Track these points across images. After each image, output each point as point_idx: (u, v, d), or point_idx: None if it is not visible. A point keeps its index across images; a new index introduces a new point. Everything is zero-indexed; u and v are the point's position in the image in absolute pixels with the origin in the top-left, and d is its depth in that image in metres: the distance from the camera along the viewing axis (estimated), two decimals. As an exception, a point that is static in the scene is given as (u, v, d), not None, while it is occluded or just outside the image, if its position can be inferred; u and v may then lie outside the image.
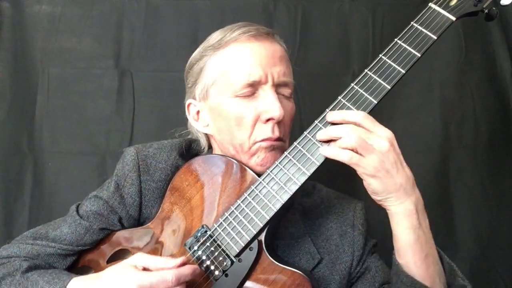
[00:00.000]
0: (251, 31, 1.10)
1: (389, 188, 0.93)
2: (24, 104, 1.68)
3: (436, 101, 1.73)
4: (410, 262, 0.96)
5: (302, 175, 0.98)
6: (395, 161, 0.93)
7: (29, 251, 1.09)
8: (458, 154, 1.72)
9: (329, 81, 1.71)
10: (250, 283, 1.00)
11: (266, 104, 1.07)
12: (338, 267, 1.14)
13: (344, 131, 0.93)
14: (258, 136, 1.08)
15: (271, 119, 1.07)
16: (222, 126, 1.11)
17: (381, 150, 0.92)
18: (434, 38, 0.99)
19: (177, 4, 1.73)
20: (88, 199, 1.16)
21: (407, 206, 0.95)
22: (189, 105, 1.20)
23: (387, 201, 0.95)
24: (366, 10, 1.74)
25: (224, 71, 1.10)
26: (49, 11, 1.69)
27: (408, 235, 0.95)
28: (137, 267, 0.94)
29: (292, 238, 1.14)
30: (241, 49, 1.10)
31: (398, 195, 0.94)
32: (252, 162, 1.09)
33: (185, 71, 1.21)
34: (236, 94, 1.08)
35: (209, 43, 1.15)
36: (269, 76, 1.08)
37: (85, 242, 1.11)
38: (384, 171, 0.92)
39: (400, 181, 0.94)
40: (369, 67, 0.99)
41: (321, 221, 1.18)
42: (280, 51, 1.14)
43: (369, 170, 0.92)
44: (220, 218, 1.03)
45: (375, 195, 0.96)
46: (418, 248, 0.96)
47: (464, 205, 1.71)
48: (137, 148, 1.15)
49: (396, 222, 0.96)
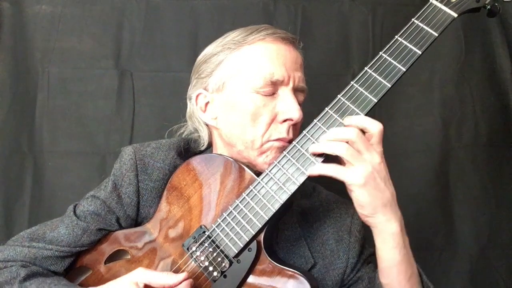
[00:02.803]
0: (279, 33, 1.11)
1: (377, 202, 0.92)
2: (24, 104, 1.68)
3: (436, 101, 1.73)
4: (395, 282, 0.97)
5: (301, 175, 0.97)
6: (384, 175, 0.93)
7: (26, 255, 1.08)
8: (458, 154, 1.72)
9: (329, 81, 1.70)
10: (249, 284, 1.00)
11: (286, 105, 1.07)
12: (331, 273, 1.13)
13: (336, 145, 0.93)
14: (272, 135, 1.08)
15: (288, 120, 1.07)
16: (235, 120, 1.10)
17: (372, 161, 0.92)
18: (435, 35, 0.98)
19: (177, 4, 1.72)
20: (85, 199, 1.15)
21: (393, 224, 0.94)
22: (198, 95, 1.17)
23: (374, 218, 0.94)
24: (366, 10, 1.74)
25: (247, 66, 1.09)
26: (49, 11, 1.69)
27: (394, 255, 0.95)
28: (138, 285, 0.95)
29: (287, 242, 1.14)
30: (268, 47, 1.10)
31: (385, 211, 0.93)
32: (260, 160, 1.09)
33: (198, 61, 1.19)
34: (256, 90, 1.07)
35: (230, 38, 1.13)
36: (291, 79, 1.09)
37: (82, 243, 1.10)
38: (374, 183, 0.91)
39: (387, 196, 0.93)
40: (369, 65, 0.99)
41: (318, 225, 1.17)
42: (301, 59, 1.15)
43: (359, 180, 0.91)
44: (219, 218, 1.03)
45: (362, 209, 0.94)
46: (403, 268, 0.96)
47: (464, 205, 1.70)
48: (135, 147, 1.15)
49: (382, 241, 0.96)
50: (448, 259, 1.68)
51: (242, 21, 1.20)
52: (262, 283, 1.00)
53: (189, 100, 1.21)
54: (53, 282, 1.04)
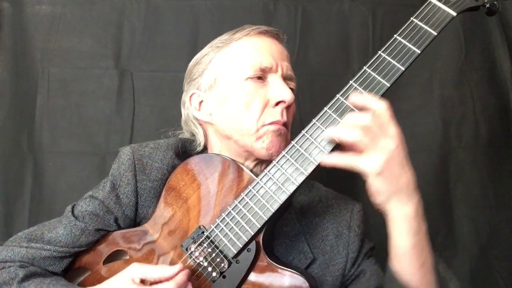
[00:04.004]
0: (263, 28, 1.15)
1: (392, 189, 0.90)
2: (24, 104, 1.68)
3: (436, 101, 1.73)
4: (406, 269, 0.94)
5: (300, 175, 0.97)
6: (401, 160, 0.91)
7: (24, 255, 1.07)
8: (458, 154, 1.72)
9: (329, 81, 1.70)
10: (248, 284, 1.00)
11: (277, 89, 1.10)
12: (331, 268, 1.13)
13: (351, 131, 0.91)
14: (267, 119, 1.09)
15: (281, 102, 1.09)
16: (229, 112, 1.11)
17: (389, 147, 0.90)
18: (434, 34, 0.97)
19: (177, 4, 1.73)
20: (83, 199, 1.14)
21: (408, 209, 0.92)
22: (192, 95, 1.19)
23: (388, 204, 0.92)
24: (366, 10, 1.75)
25: (235, 59, 1.13)
26: (49, 11, 1.69)
27: (406, 241, 0.92)
28: (135, 281, 0.94)
29: (286, 237, 1.13)
30: (254, 41, 1.14)
31: (400, 197, 0.91)
32: (257, 145, 1.09)
33: (190, 67, 1.22)
34: (248, 77, 1.10)
35: (217, 40, 1.18)
36: (279, 67, 1.12)
37: (81, 243, 1.10)
38: (389, 170, 0.89)
39: (403, 183, 0.91)
40: (368, 64, 0.98)
41: (317, 220, 1.17)
42: (286, 52, 1.19)
43: (374, 168, 0.89)
44: (217, 219, 1.02)
45: (376, 196, 0.92)
46: (415, 255, 0.93)
47: (464, 205, 1.70)
48: (133, 147, 1.14)
49: (394, 227, 0.93)
50: (448, 259, 1.68)
51: (242, 21, 1.20)
52: (262, 283, 0.99)
53: (183, 106, 1.22)
54: (51, 282, 1.03)
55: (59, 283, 1.04)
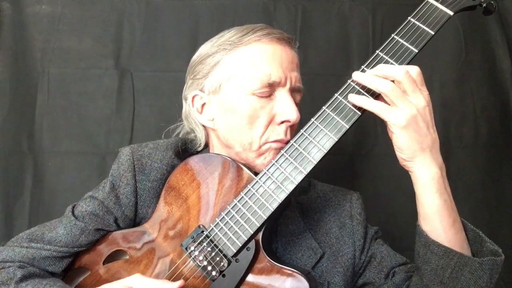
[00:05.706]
0: (275, 34, 1.10)
1: (416, 146, 0.91)
2: (24, 104, 1.68)
3: (436, 101, 1.73)
4: (438, 228, 0.95)
5: (299, 174, 0.97)
6: (427, 120, 0.92)
7: (24, 255, 1.08)
8: (458, 154, 1.72)
9: (329, 81, 1.70)
10: (248, 283, 1.00)
11: (283, 106, 1.07)
12: (340, 259, 1.14)
13: (381, 82, 0.91)
14: (270, 137, 1.08)
15: (286, 121, 1.07)
16: (232, 122, 1.10)
17: (417, 104, 0.91)
18: (431, 33, 0.97)
19: (177, 4, 1.73)
20: (83, 199, 1.14)
21: (433, 169, 0.93)
22: (194, 96, 1.16)
23: (413, 162, 0.93)
24: (366, 10, 1.74)
25: (243, 68, 1.08)
26: (49, 11, 1.69)
27: (435, 199, 0.94)
28: None
29: (293, 235, 1.14)
30: (264, 49, 1.09)
31: (424, 156, 0.92)
32: (258, 162, 1.09)
33: (193, 62, 1.17)
34: (253, 92, 1.06)
35: (226, 38, 1.12)
36: (288, 79, 1.09)
37: (80, 243, 1.10)
38: (416, 126, 0.90)
39: (428, 142, 0.92)
40: (366, 64, 0.98)
41: (319, 215, 1.18)
42: (297, 59, 1.14)
43: (401, 121, 0.89)
44: (217, 218, 1.02)
45: (401, 152, 0.93)
46: (446, 213, 0.94)
47: (464, 205, 1.70)
48: (132, 147, 1.14)
49: (422, 187, 0.94)
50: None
51: (242, 21, 1.20)
52: (261, 282, 1.00)
53: (184, 101, 1.20)
54: (48, 284, 1.03)
55: (56, 284, 1.04)
